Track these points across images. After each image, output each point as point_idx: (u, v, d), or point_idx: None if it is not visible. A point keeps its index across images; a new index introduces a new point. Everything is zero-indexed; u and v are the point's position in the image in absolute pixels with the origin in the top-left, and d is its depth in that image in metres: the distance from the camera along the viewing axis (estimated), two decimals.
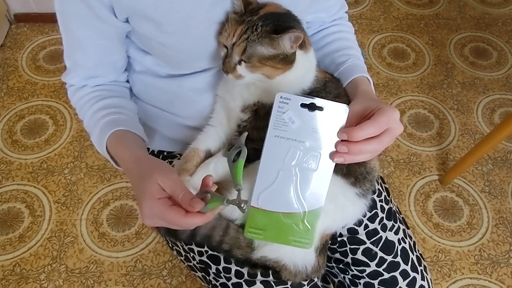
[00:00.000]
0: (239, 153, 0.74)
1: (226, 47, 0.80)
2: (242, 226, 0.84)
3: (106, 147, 0.87)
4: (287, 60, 0.79)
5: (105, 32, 0.86)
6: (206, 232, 0.84)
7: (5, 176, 1.85)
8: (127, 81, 1.02)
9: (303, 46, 0.81)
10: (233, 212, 0.84)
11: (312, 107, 0.72)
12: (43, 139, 1.97)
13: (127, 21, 0.84)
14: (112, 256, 1.68)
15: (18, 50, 2.26)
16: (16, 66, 2.20)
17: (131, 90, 1.03)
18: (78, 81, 0.95)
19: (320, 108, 0.72)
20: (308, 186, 0.76)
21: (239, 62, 0.79)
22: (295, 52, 0.79)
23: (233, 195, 0.80)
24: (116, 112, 0.90)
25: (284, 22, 0.78)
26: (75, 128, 2.00)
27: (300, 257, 0.85)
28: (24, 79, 2.16)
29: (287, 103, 0.71)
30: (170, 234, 0.89)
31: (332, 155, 0.74)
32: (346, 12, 1.06)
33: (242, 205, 0.70)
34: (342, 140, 0.73)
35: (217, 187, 0.74)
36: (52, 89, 2.12)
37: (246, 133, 0.76)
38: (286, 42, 0.76)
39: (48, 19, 2.34)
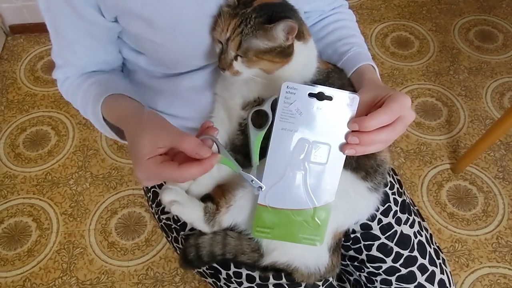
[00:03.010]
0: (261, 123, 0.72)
1: (221, 43, 0.76)
2: (244, 232, 0.82)
3: (103, 117, 0.84)
4: (285, 53, 0.75)
5: (94, 33, 0.83)
6: (208, 248, 0.82)
7: (10, 191, 1.83)
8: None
9: (301, 36, 0.77)
10: (238, 216, 0.80)
11: (320, 97, 0.68)
12: (46, 150, 1.94)
13: (116, 20, 0.81)
14: (123, 265, 1.65)
15: (16, 62, 2.24)
16: (15, 78, 2.18)
17: None
18: (72, 75, 0.92)
19: (329, 98, 0.68)
20: (317, 180, 0.72)
21: (235, 58, 0.75)
22: (292, 44, 0.75)
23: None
24: (108, 83, 0.88)
25: (278, 13, 0.74)
26: (78, 138, 1.98)
27: (311, 258, 0.82)
28: (23, 91, 2.14)
29: (294, 93, 0.68)
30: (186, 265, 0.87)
31: (342, 147, 0.70)
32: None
33: (252, 181, 0.71)
34: (352, 131, 0.69)
35: (217, 131, 0.69)
36: (52, 99, 2.10)
37: (274, 96, 0.72)
38: (280, 33, 0.72)
39: (44, 29, 2.29)
